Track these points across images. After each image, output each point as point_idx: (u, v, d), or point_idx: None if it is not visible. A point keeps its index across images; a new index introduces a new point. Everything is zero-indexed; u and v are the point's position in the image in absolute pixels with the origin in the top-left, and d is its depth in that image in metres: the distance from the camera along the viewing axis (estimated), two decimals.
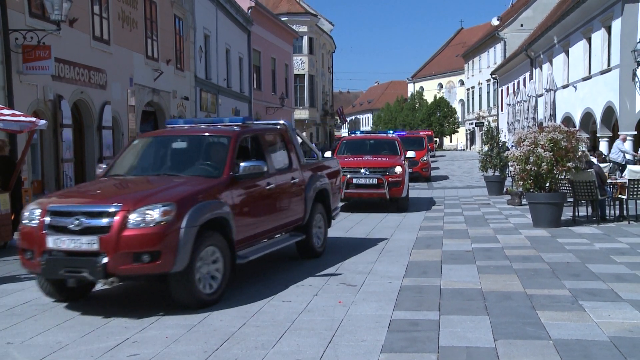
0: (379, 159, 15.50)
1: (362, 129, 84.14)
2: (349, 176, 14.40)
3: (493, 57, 56.68)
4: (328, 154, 15.22)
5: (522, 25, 50.19)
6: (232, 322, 5.86)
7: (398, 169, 14.77)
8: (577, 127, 22.23)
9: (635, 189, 12.13)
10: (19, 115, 10.58)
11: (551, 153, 11.46)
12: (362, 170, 14.73)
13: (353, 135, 18.59)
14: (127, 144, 10.09)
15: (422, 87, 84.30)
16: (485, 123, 30.90)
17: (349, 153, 16.48)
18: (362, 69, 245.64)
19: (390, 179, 14.56)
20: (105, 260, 5.80)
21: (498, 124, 45.91)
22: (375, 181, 14.58)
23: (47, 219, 6.15)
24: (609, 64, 22.99)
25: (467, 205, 16.63)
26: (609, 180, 13.10)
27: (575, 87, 26.83)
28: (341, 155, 16.14)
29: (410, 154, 16.80)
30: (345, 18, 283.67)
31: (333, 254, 9.35)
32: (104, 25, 16.71)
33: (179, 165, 7.53)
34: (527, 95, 21.30)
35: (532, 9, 49.70)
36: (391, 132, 18.44)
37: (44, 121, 10.92)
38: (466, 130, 71.79)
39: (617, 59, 21.74)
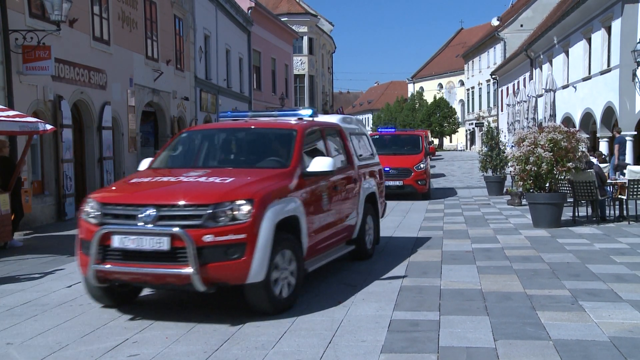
0: (206, 180, 6.42)
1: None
2: (108, 229, 5.89)
3: (493, 57, 56.71)
4: (145, 163, 7.55)
5: (522, 25, 50.24)
6: (232, 322, 5.86)
7: (242, 211, 5.79)
8: (577, 128, 22.33)
9: (635, 189, 12.13)
10: (24, 117, 10.63)
11: (551, 153, 11.46)
12: (145, 214, 5.79)
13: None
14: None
15: (422, 88, 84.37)
16: (485, 123, 30.89)
17: (171, 164, 7.52)
18: (362, 69, 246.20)
19: (210, 238, 5.66)
20: None
21: (498, 124, 45.90)
22: (164, 245, 5.71)
23: None
24: (608, 64, 22.99)
25: (467, 205, 16.63)
26: (608, 181, 13.11)
27: (575, 88, 26.83)
28: (156, 168, 7.36)
29: (320, 164, 6.99)
30: (345, 18, 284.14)
31: None
32: (104, 26, 16.71)
33: None
34: (527, 96, 21.28)
35: (532, 10, 49.75)
36: (306, 112, 8.19)
37: (50, 126, 11.00)
38: (466, 131, 71.84)
39: (617, 59, 21.74)
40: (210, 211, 5.71)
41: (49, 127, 10.85)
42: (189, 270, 5.60)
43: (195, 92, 24.56)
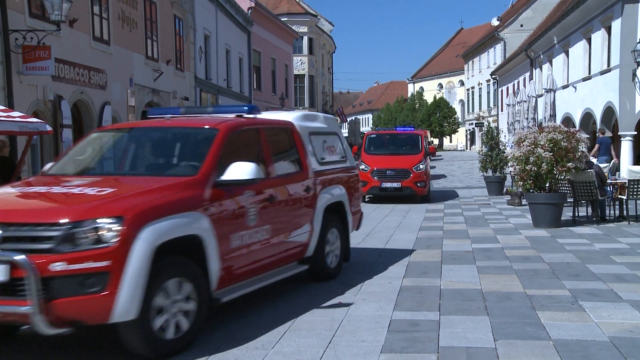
0: (80, 191, 5.42)
1: (362, 129, 77.01)
2: None
3: (493, 57, 56.70)
4: (46, 167, 6.59)
5: (522, 25, 50.23)
6: (232, 322, 5.86)
7: (108, 232, 4.65)
8: (577, 128, 22.31)
9: (635, 189, 12.13)
10: (25, 117, 10.62)
11: (551, 153, 11.46)
12: None
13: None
14: None
15: (422, 88, 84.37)
16: (485, 123, 30.87)
17: (67, 170, 6.45)
18: (362, 69, 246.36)
19: (60, 266, 4.50)
20: None
21: (498, 124, 45.88)
22: (1, 274, 4.58)
23: None
24: (608, 64, 22.98)
25: (467, 205, 16.63)
26: (608, 181, 13.11)
27: (575, 88, 26.82)
28: (52, 174, 6.33)
29: (238, 171, 5.66)
30: (345, 18, 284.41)
31: None
32: (104, 26, 16.72)
33: None
34: (527, 96, 21.27)
35: (532, 10, 49.74)
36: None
37: (49, 128, 11.01)
38: (466, 131, 71.84)
39: (617, 59, 21.73)
40: (65, 232, 4.49)
41: (48, 128, 10.82)
42: (27, 307, 4.34)
43: (195, 92, 24.56)
